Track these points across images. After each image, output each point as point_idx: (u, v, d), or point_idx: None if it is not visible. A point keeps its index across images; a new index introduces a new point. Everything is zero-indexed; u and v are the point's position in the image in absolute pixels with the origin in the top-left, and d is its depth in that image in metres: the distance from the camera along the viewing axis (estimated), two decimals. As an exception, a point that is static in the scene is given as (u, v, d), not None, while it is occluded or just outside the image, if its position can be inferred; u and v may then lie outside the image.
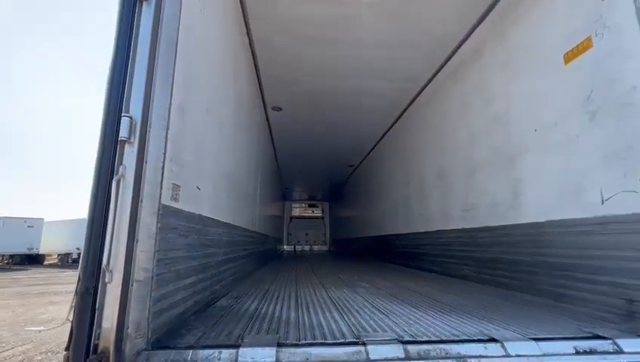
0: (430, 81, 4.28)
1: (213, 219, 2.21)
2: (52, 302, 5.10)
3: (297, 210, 15.49)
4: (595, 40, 1.99)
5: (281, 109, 5.26)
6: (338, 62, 3.91)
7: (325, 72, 4.12)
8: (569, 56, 2.18)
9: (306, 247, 14.67)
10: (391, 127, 5.90)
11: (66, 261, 15.51)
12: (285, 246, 14.20)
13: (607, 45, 1.91)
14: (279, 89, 4.61)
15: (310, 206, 15.80)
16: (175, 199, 1.49)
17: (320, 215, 15.59)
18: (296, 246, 14.60)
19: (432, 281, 3.25)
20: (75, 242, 14.62)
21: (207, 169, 2.07)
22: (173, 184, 1.46)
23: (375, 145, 7.06)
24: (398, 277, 3.60)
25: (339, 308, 1.96)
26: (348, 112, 5.31)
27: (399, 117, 5.45)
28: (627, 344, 1.30)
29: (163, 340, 1.26)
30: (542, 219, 2.39)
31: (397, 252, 5.49)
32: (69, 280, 8.19)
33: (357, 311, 1.85)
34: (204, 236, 2.01)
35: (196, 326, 1.50)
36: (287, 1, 2.97)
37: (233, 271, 2.97)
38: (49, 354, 2.70)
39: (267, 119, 5.55)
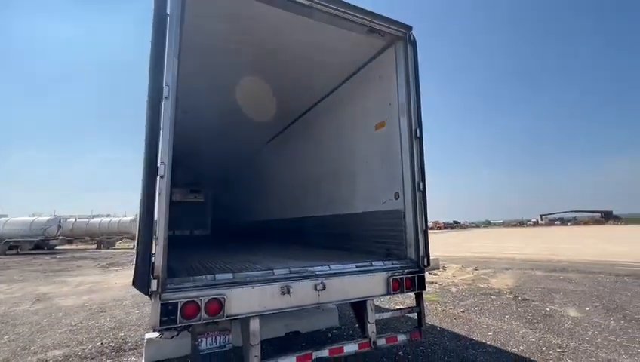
0: (307, 111, 6.00)
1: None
2: None
3: (178, 195, 15.55)
4: (387, 123, 3.99)
5: (188, 112, 6.11)
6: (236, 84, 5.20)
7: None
8: (377, 127, 4.16)
9: (187, 232, 14.99)
10: (275, 136, 7.45)
11: None
12: None
13: (390, 127, 3.92)
14: (190, 95, 5.52)
15: (192, 191, 16.05)
16: (167, 201, 2.65)
17: (202, 200, 16.05)
18: (176, 231, 14.77)
19: (306, 249, 5.00)
20: None
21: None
22: (169, 193, 2.62)
23: (260, 149, 8.52)
24: (283, 248, 5.23)
25: (254, 262, 3.41)
26: (236, 121, 6.62)
27: (285, 129, 7.03)
28: (375, 263, 3.22)
29: (172, 274, 2.48)
30: (362, 210, 4.39)
31: (280, 232, 7.16)
32: None
33: (265, 262, 3.35)
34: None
35: (180, 271, 2.72)
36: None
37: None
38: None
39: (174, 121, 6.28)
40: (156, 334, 4.00)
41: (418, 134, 3.55)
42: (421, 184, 3.48)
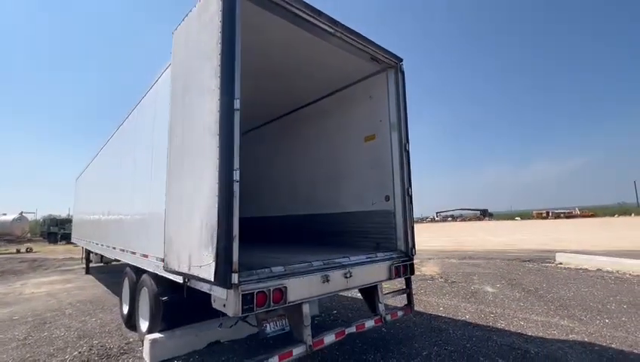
0: (292, 112, 6.30)
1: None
2: None
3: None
4: (377, 136, 4.71)
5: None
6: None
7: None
8: (366, 139, 4.85)
9: None
10: (252, 129, 7.55)
11: None
12: None
13: (380, 141, 4.64)
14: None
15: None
16: (222, 203, 2.86)
17: None
18: None
19: (299, 245, 5.39)
20: None
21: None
22: (226, 195, 2.84)
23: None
24: (286, 246, 5.53)
25: (294, 256, 3.73)
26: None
27: (264, 125, 7.17)
28: (379, 254, 3.90)
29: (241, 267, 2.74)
30: (348, 210, 5.03)
31: (266, 230, 7.31)
32: None
33: (301, 256, 3.72)
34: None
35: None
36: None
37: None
38: None
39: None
40: (158, 335, 3.98)
41: (407, 148, 4.35)
42: (410, 189, 4.29)
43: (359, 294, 6.70)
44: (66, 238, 32.89)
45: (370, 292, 3.80)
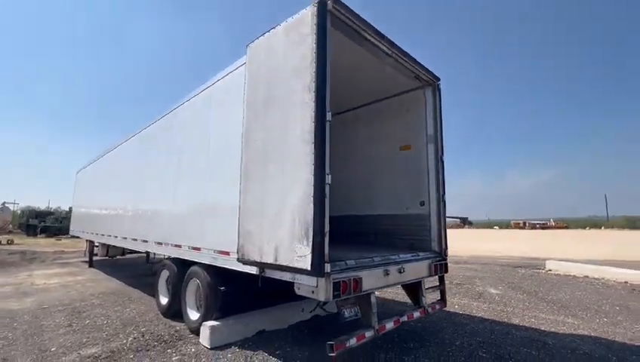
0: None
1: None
2: None
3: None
4: (413, 147, 5.18)
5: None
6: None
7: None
8: (402, 148, 5.31)
9: None
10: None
11: None
12: None
13: (416, 151, 5.11)
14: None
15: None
16: (306, 202, 3.24)
17: None
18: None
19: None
20: None
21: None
22: (309, 196, 3.22)
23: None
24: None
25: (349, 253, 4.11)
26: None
27: None
28: (420, 253, 4.35)
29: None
30: (383, 212, 5.47)
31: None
32: None
33: (355, 252, 4.10)
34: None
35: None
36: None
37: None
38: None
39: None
40: (215, 322, 4.27)
41: (443, 158, 4.84)
42: (444, 195, 4.77)
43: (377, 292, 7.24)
44: (46, 231, 31.96)
45: (414, 288, 4.23)
